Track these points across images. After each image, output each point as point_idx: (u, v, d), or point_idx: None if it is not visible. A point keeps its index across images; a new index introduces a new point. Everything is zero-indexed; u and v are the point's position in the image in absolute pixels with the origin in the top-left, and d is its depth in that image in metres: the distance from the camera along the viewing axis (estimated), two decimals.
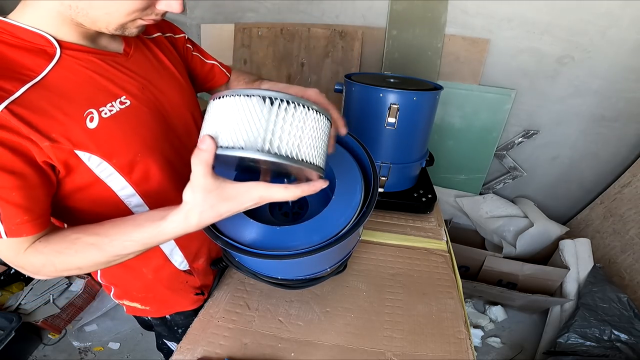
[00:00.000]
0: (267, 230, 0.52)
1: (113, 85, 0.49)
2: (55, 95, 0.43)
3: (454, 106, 1.72)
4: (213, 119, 0.37)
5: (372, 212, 0.52)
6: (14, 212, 0.41)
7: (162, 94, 0.57)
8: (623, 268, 1.51)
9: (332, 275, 0.70)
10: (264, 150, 0.34)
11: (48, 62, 0.43)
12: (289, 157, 0.35)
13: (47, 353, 1.50)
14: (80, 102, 0.45)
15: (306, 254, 0.48)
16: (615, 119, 1.61)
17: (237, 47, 1.84)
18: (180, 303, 0.73)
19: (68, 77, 0.45)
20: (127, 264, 0.50)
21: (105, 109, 0.47)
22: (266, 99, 0.35)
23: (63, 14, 0.42)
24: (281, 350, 0.64)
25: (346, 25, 1.69)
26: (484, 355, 1.52)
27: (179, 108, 0.61)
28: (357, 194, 0.54)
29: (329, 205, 0.53)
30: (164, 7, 0.44)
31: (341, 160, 0.58)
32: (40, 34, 0.43)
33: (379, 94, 0.91)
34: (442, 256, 0.89)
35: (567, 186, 1.87)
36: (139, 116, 0.52)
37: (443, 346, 0.66)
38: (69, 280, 1.64)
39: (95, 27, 0.44)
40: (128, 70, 0.51)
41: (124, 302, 0.72)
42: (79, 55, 0.46)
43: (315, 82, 1.80)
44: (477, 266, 1.64)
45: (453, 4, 1.52)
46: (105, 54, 0.49)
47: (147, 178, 0.55)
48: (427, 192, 1.06)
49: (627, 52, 1.45)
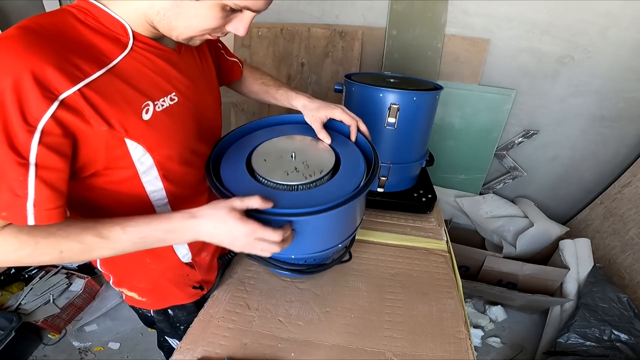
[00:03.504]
0: (286, 195, 0.57)
1: (166, 82, 0.51)
2: (122, 83, 0.45)
3: (454, 106, 1.72)
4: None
5: (375, 213, 0.54)
6: (48, 197, 0.41)
7: (201, 94, 0.60)
8: (623, 268, 1.51)
9: (337, 262, 0.72)
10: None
11: (121, 50, 0.46)
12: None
13: (47, 353, 1.49)
14: (141, 93, 0.47)
15: (332, 208, 0.52)
16: (616, 119, 1.61)
17: (237, 47, 1.84)
18: (178, 296, 0.73)
19: (135, 67, 0.47)
20: (131, 254, 0.52)
21: (159, 102, 0.50)
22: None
23: (147, 15, 0.46)
24: (281, 350, 0.64)
25: (346, 25, 1.69)
26: (484, 355, 1.52)
27: (211, 110, 0.64)
28: (361, 166, 0.63)
29: (339, 173, 0.61)
30: (232, 29, 0.49)
31: (342, 143, 0.69)
32: (120, 22, 0.45)
33: (379, 94, 0.91)
34: (442, 256, 0.89)
35: (567, 186, 1.87)
36: (182, 114, 0.54)
37: (443, 346, 0.66)
38: (69, 281, 1.64)
39: (167, 34, 0.48)
40: (179, 69, 0.54)
41: (123, 290, 0.72)
42: (145, 48, 0.49)
43: (315, 82, 1.80)
44: (477, 266, 1.64)
45: (453, 4, 1.52)
46: (164, 50, 0.52)
47: (176, 174, 0.57)
48: (427, 192, 1.06)
49: (627, 52, 1.45)
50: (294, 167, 0.60)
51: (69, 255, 0.45)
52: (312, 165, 0.61)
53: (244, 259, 0.85)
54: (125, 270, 0.68)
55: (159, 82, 0.50)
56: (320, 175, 0.59)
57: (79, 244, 0.45)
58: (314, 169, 0.60)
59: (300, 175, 0.58)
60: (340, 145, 0.68)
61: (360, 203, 0.63)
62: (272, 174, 0.58)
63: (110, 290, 1.70)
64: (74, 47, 0.41)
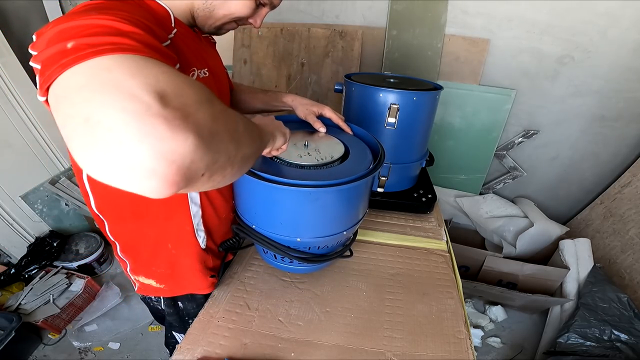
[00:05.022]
0: (299, 171, 0.62)
1: (202, 57, 0.59)
2: (177, 51, 0.51)
3: (454, 106, 1.72)
4: None
5: (375, 213, 0.55)
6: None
7: (221, 80, 0.69)
8: (623, 268, 1.51)
9: (339, 255, 0.73)
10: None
11: (171, 30, 0.53)
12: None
13: (47, 353, 1.49)
14: (189, 61, 0.55)
15: (341, 184, 0.57)
16: (616, 119, 1.61)
17: (237, 47, 1.84)
18: (195, 284, 0.73)
19: (183, 41, 0.54)
20: (153, 238, 0.62)
21: (199, 71, 0.57)
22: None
23: (194, 5, 0.55)
24: (281, 350, 0.64)
25: (346, 25, 1.69)
26: (484, 355, 1.52)
27: (226, 97, 0.74)
28: (368, 155, 0.70)
29: (348, 159, 0.68)
30: (252, 21, 0.60)
31: (347, 136, 0.77)
32: (167, 11, 0.53)
33: (379, 94, 0.91)
34: (442, 256, 0.89)
35: (567, 186, 1.87)
36: (212, 88, 0.60)
37: (443, 346, 0.66)
38: (69, 281, 1.64)
39: (203, 22, 0.57)
40: (205, 52, 0.63)
41: (139, 278, 0.72)
42: (183, 32, 0.56)
43: (315, 82, 1.80)
44: (477, 266, 1.64)
45: (453, 4, 1.52)
46: (195, 35, 0.61)
47: None
48: (427, 192, 1.06)
49: (627, 52, 1.45)
50: (307, 153, 0.67)
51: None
52: (324, 152, 0.68)
53: (244, 259, 0.85)
54: (146, 255, 0.68)
55: (199, 57, 0.58)
56: (331, 159, 0.65)
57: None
58: (326, 155, 0.66)
59: (313, 159, 0.65)
60: (346, 138, 0.76)
61: (366, 190, 0.69)
62: (289, 157, 0.64)
63: (110, 290, 1.70)
64: (147, 18, 0.44)
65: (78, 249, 1.83)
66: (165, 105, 0.25)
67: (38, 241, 1.74)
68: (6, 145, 1.63)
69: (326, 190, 0.57)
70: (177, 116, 0.25)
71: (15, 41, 1.68)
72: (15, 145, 1.67)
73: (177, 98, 0.26)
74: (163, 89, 0.26)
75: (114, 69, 0.26)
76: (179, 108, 0.26)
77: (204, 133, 0.27)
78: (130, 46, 0.30)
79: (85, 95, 0.25)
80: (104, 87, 0.25)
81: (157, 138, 0.24)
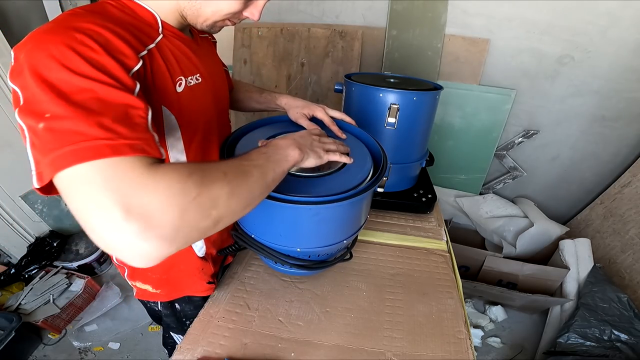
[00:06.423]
0: (299, 181, 0.60)
1: (192, 63, 0.57)
2: (161, 59, 0.50)
3: (454, 106, 1.72)
4: None
5: (375, 213, 0.54)
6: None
7: (217, 83, 0.66)
8: (623, 268, 1.51)
9: (339, 260, 0.73)
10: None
11: (155, 36, 0.51)
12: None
13: (47, 353, 1.49)
14: (174, 70, 0.53)
15: (341, 200, 0.55)
16: (616, 119, 1.61)
17: (237, 47, 1.84)
18: (192, 288, 0.73)
19: (169, 48, 0.53)
20: None
21: (189, 79, 0.56)
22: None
23: (180, 5, 0.52)
24: (281, 350, 0.64)
25: (346, 25, 1.69)
26: (484, 355, 1.52)
27: (225, 98, 0.71)
28: (368, 160, 0.67)
29: (347, 167, 0.64)
30: (248, 14, 0.55)
31: (348, 139, 0.74)
32: (152, 14, 0.51)
33: (379, 94, 0.91)
34: (442, 256, 0.89)
35: (567, 186, 1.87)
36: (206, 94, 0.60)
37: (443, 346, 0.66)
38: (69, 281, 1.64)
39: (194, 21, 0.54)
40: (199, 56, 0.60)
41: (136, 283, 0.72)
42: (173, 36, 0.54)
43: (315, 82, 1.80)
44: (477, 266, 1.64)
45: (453, 4, 1.52)
46: (186, 39, 0.57)
47: (197, 150, 0.61)
48: (427, 192, 1.06)
49: (627, 52, 1.45)
50: None
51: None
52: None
53: (244, 259, 0.85)
54: None
55: (188, 63, 0.56)
56: (328, 169, 0.63)
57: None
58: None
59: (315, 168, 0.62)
60: (346, 139, 0.74)
61: (368, 199, 0.68)
62: None
63: (110, 290, 1.70)
64: (124, 26, 0.45)
65: (78, 249, 1.83)
66: (129, 217, 0.30)
67: (38, 241, 1.74)
68: (6, 145, 1.63)
69: (326, 206, 0.55)
70: (140, 226, 0.31)
71: (15, 41, 1.66)
72: (15, 145, 1.67)
73: (140, 208, 0.31)
74: (129, 203, 0.30)
75: (90, 182, 0.31)
76: (141, 218, 0.31)
77: (167, 233, 0.32)
78: (102, 146, 0.32)
79: (72, 199, 0.32)
80: (84, 197, 0.31)
81: (126, 243, 0.31)
